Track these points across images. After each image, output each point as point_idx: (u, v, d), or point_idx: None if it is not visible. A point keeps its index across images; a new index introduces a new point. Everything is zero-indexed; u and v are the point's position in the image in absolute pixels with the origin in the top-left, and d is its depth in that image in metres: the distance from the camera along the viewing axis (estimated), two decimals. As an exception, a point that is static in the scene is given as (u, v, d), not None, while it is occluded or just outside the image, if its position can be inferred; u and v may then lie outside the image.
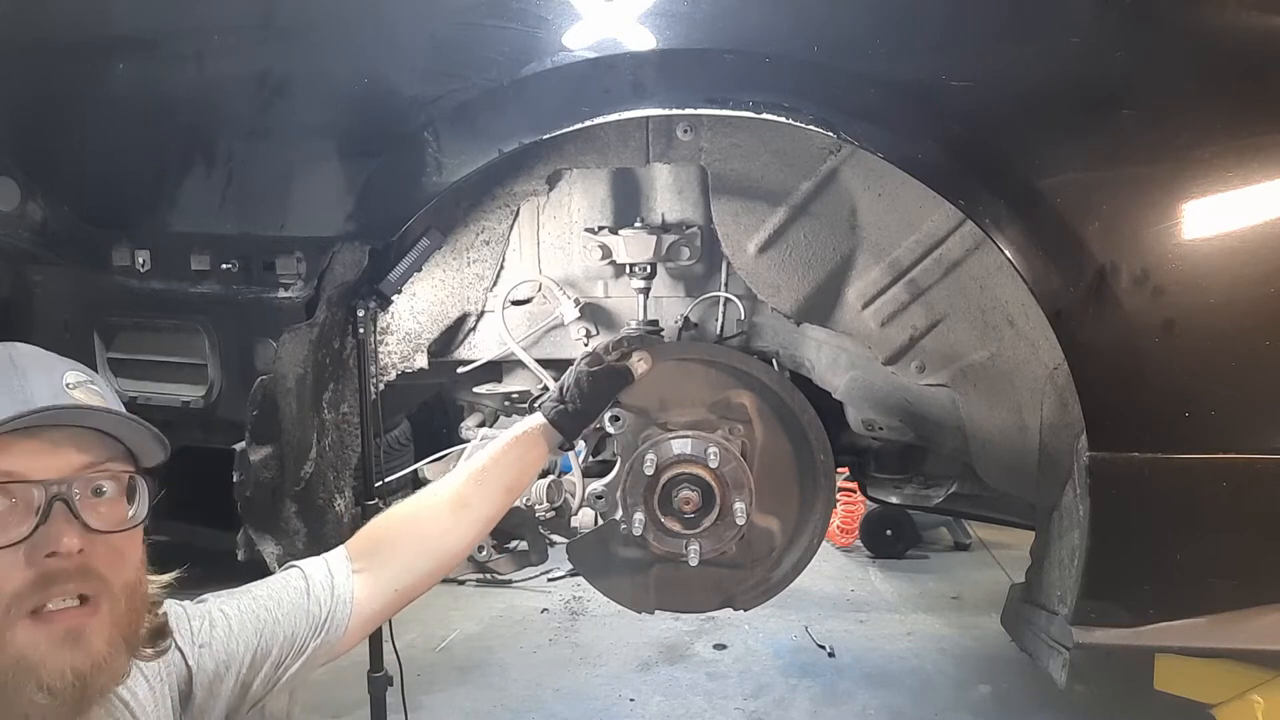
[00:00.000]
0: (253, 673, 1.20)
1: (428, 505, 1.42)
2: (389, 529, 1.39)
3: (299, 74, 1.78)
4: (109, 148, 1.92)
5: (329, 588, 1.28)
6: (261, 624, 1.21)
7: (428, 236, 1.90)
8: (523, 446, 1.52)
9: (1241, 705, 1.78)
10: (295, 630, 1.24)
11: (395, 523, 1.40)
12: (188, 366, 1.90)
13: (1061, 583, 1.73)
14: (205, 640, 1.16)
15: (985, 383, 1.91)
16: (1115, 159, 1.52)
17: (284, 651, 1.22)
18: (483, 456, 1.49)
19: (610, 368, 1.66)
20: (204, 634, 1.17)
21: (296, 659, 1.23)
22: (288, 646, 1.23)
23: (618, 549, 1.90)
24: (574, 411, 1.58)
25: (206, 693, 1.15)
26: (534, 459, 1.53)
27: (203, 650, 1.15)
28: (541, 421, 1.56)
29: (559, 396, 1.61)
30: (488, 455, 1.49)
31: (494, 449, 1.50)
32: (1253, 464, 1.54)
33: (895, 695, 3.19)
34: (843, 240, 1.90)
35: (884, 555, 4.54)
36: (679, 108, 1.64)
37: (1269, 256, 1.49)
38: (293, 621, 1.24)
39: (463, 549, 1.44)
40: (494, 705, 3.10)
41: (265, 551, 1.92)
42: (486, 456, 1.48)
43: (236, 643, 1.19)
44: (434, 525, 1.38)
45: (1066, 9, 1.54)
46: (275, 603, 1.24)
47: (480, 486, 1.43)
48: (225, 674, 1.17)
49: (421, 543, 1.38)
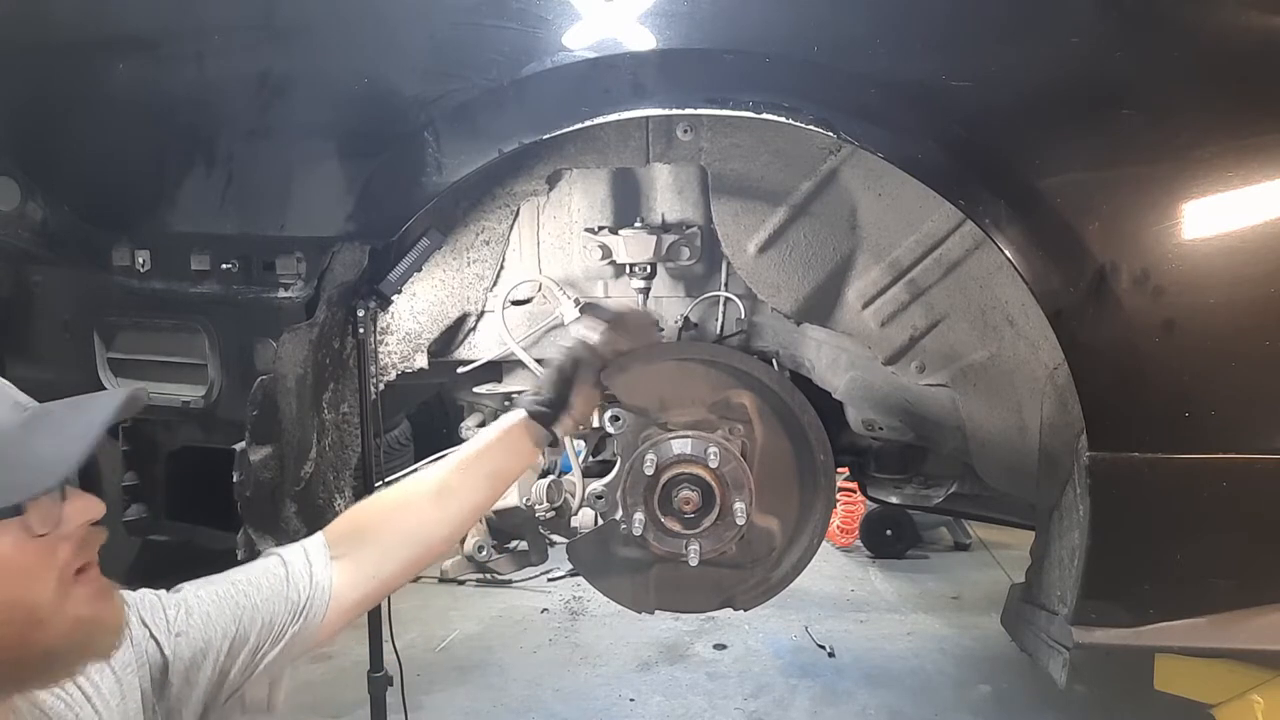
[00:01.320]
0: (230, 660, 1.18)
1: (410, 493, 1.39)
2: (369, 516, 1.37)
3: (299, 74, 1.78)
4: (109, 148, 1.92)
5: (308, 575, 1.27)
6: (240, 610, 1.20)
7: (428, 236, 1.90)
8: (508, 438, 1.50)
9: (1241, 705, 1.78)
10: (274, 616, 1.22)
11: (376, 510, 1.39)
12: (188, 366, 1.90)
13: (1061, 583, 1.73)
14: (182, 629, 1.16)
15: (985, 383, 1.91)
16: (1115, 159, 1.52)
17: (262, 638, 1.21)
18: (468, 448, 1.47)
19: (567, 350, 1.62)
20: (180, 622, 1.16)
21: (274, 646, 1.22)
22: (266, 633, 1.22)
23: (618, 549, 1.90)
24: (546, 400, 1.55)
25: (183, 681, 1.15)
26: (519, 452, 1.51)
27: (179, 639, 1.15)
28: (522, 416, 1.53)
29: (535, 388, 1.60)
30: (472, 447, 1.47)
31: (479, 442, 1.49)
32: (1253, 464, 1.54)
33: (895, 695, 3.19)
34: (843, 240, 1.90)
35: (884, 555, 4.54)
36: (679, 108, 1.64)
37: (1269, 256, 1.49)
38: (271, 608, 1.23)
39: (444, 538, 1.41)
40: (494, 705, 3.10)
41: (265, 551, 1.92)
42: (471, 448, 1.47)
43: (214, 629, 1.18)
44: (416, 513, 1.37)
45: (1066, 9, 1.54)
46: (254, 588, 1.23)
47: (464, 475, 1.41)
48: (203, 662, 1.16)
49: (403, 531, 1.35)
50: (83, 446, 0.91)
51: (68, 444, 0.92)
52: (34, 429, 0.93)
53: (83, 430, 0.93)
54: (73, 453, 0.91)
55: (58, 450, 0.91)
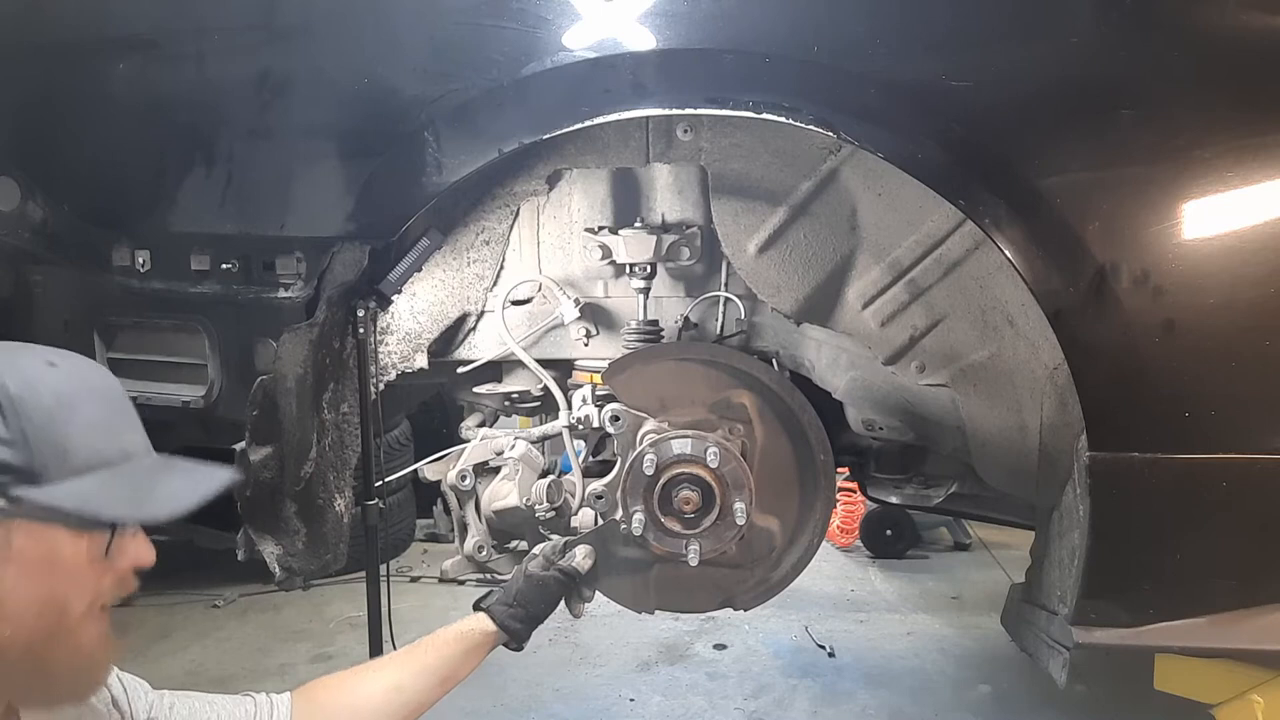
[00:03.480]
0: None
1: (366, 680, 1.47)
2: (327, 694, 1.44)
3: (299, 74, 1.78)
4: (109, 148, 1.92)
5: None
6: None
7: (428, 236, 1.90)
8: (468, 644, 1.54)
9: (1241, 705, 1.78)
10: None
11: (333, 690, 1.45)
12: (188, 366, 1.90)
13: (1061, 583, 1.73)
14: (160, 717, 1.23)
15: (985, 383, 1.91)
16: (1115, 159, 1.52)
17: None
18: (427, 646, 1.52)
19: (560, 570, 1.65)
20: (161, 712, 1.23)
21: None
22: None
23: (618, 549, 1.89)
24: (524, 616, 1.57)
25: None
26: (475, 660, 1.55)
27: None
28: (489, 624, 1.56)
29: (509, 599, 1.59)
30: (432, 646, 1.52)
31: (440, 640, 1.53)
32: (1253, 464, 1.54)
33: (895, 695, 3.19)
34: (843, 240, 1.90)
35: (884, 555, 4.54)
36: (679, 108, 1.64)
37: (1269, 256, 1.49)
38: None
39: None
40: (494, 705, 3.10)
41: (265, 551, 1.92)
42: (431, 648, 1.52)
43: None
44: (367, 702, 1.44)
45: (1066, 9, 1.54)
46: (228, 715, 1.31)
47: (417, 678, 1.48)
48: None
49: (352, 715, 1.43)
50: (193, 499, 1.01)
51: (178, 494, 1.00)
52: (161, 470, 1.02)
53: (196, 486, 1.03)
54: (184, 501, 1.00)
55: (173, 494, 1.00)
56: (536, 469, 2.10)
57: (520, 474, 2.06)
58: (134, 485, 0.98)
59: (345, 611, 3.84)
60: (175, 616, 3.86)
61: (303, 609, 3.93)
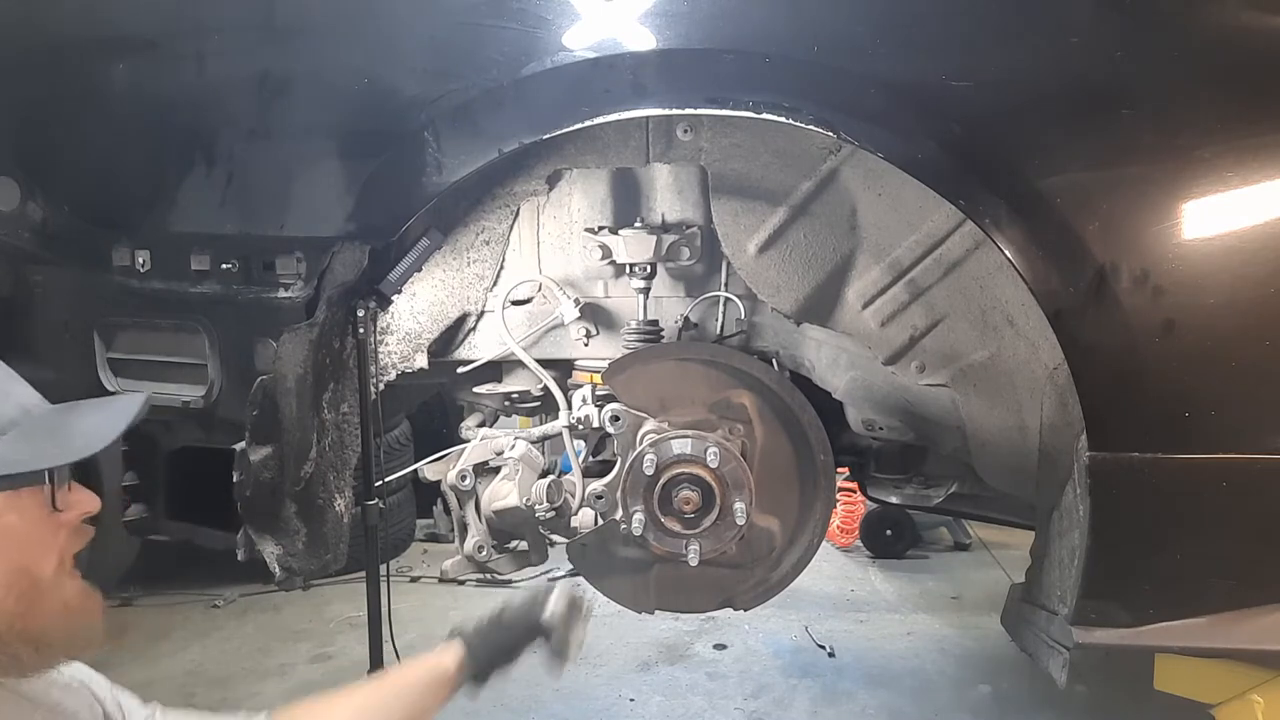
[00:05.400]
0: None
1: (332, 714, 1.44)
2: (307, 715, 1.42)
3: (299, 74, 1.78)
4: (109, 148, 1.92)
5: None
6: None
7: (428, 236, 1.90)
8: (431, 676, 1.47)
9: (1241, 705, 1.78)
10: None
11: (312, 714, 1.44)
12: (188, 366, 1.90)
13: (1061, 583, 1.73)
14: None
15: (985, 383, 1.91)
16: (1115, 159, 1.52)
17: None
18: (393, 680, 1.48)
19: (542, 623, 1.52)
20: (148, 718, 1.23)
21: None
22: None
23: (618, 549, 1.90)
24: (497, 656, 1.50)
25: None
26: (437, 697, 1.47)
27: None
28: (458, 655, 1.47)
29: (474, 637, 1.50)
30: (399, 680, 1.47)
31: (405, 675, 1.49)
32: (1253, 464, 1.54)
33: (895, 695, 3.19)
34: (843, 240, 1.90)
35: (884, 555, 4.54)
36: (679, 108, 1.64)
37: (1269, 256, 1.49)
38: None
39: None
40: (494, 705, 3.10)
41: (265, 551, 1.92)
42: (396, 681, 1.47)
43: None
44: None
45: (1066, 9, 1.54)
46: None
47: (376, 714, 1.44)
48: None
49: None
50: (111, 432, 1.00)
51: (97, 428, 1.00)
52: (67, 414, 1.01)
53: (110, 421, 1.01)
54: (102, 435, 0.99)
55: (87, 432, 0.99)
56: (536, 469, 2.10)
57: (520, 474, 2.06)
58: (49, 432, 0.98)
59: (345, 611, 3.84)
60: (175, 616, 3.85)
61: (303, 609, 3.93)
